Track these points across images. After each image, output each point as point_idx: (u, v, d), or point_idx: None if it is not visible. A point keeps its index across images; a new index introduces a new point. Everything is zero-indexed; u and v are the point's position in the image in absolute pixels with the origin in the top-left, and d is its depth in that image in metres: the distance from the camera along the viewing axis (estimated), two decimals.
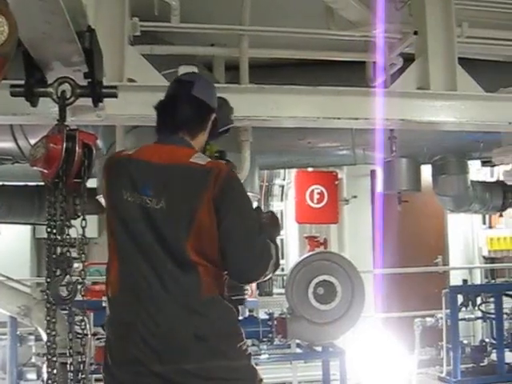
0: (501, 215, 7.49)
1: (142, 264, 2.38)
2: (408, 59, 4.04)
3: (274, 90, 3.51)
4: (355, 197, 7.30)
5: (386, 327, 6.83)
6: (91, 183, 4.95)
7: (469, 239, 9.48)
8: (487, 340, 6.23)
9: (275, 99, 3.50)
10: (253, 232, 2.42)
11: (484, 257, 9.45)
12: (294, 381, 5.33)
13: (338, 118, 3.44)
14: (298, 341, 5.44)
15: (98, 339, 5.39)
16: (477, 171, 7.98)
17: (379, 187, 5.79)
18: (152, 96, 3.33)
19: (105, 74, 2.69)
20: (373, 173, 6.14)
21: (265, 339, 5.23)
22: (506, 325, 6.11)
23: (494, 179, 7.34)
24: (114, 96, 2.46)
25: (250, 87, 3.60)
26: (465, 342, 6.17)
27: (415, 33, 3.83)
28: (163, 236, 2.37)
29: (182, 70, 3.52)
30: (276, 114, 3.45)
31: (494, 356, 6.01)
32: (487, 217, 9.42)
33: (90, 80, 2.33)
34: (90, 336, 5.06)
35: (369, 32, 4.10)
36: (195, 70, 3.57)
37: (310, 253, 5.55)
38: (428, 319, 6.06)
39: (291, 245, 9.37)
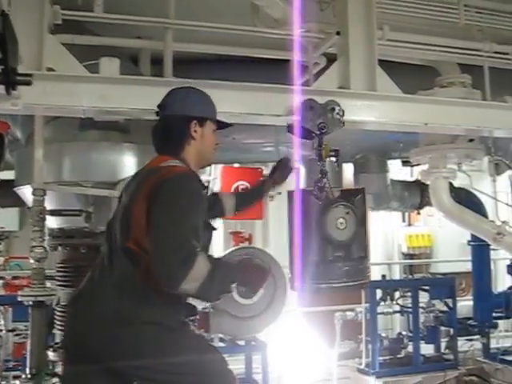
0: (418, 213, 7.77)
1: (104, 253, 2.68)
2: (331, 59, 4.11)
3: (197, 84, 3.50)
4: (280, 193, 7.36)
5: (308, 321, 6.94)
6: (7, 175, 4.86)
7: (388, 236, 9.80)
8: (404, 333, 6.42)
9: None
10: (173, 234, 2.45)
11: (403, 253, 9.79)
12: None
13: (261, 115, 3.49)
14: (220, 335, 5.48)
15: (16, 335, 5.26)
16: (398, 171, 8.24)
17: (302, 184, 5.87)
18: (72, 86, 3.32)
19: (21, 61, 2.63)
20: (298, 170, 6.19)
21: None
22: (422, 318, 6.27)
23: (413, 179, 7.57)
24: (28, 84, 2.43)
25: (172, 81, 3.58)
26: (383, 334, 6.34)
27: (338, 33, 3.92)
28: (121, 226, 2.62)
29: (103, 61, 3.48)
30: None
31: (410, 348, 6.19)
32: (406, 215, 9.75)
33: (2, 67, 2.29)
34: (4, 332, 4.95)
35: (293, 31, 4.16)
36: (117, 62, 3.55)
37: (233, 248, 5.59)
38: (348, 313, 6.18)
39: (216, 240, 9.38)
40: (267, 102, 3.57)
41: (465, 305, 7.07)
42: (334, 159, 3.73)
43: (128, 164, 4.36)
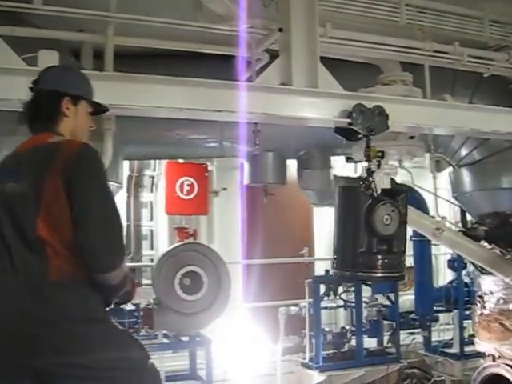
0: None
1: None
2: (274, 55, 4.11)
3: (138, 79, 3.47)
4: (225, 189, 7.39)
5: (253, 316, 6.97)
6: None
7: (332, 231, 9.86)
8: (347, 327, 6.48)
9: (139, 88, 3.46)
10: (109, 211, 2.46)
11: None
12: (161, 371, 5.27)
13: (202, 110, 3.46)
14: (164, 331, 5.45)
15: None
16: (342, 167, 8.33)
17: (246, 180, 5.89)
18: (9, 79, 3.23)
19: None
20: (242, 166, 6.21)
21: (131, 330, 5.19)
22: (365, 312, 6.38)
23: (357, 175, 7.64)
24: None
25: (112, 75, 3.53)
26: (327, 329, 6.39)
27: (280, 30, 3.92)
28: (17, 217, 2.43)
29: (42, 54, 3.40)
30: (139, 104, 3.41)
31: (353, 342, 6.27)
32: None
33: None
34: None
35: (236, 26, 4.16)
36: (56, 54, 3.47)
37: (177, 244, 5.56)
38: (292, 308, 6.22)
39: (161, 236, 9.33)
40: (210, 97, 3.55)
41: (408, 299, 7.20)
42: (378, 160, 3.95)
43: None
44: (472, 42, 5.05)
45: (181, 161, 6.78)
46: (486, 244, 5.01)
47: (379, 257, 3.77)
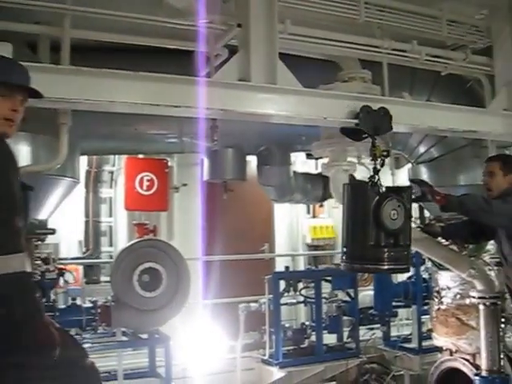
0: (321, 205, 7.94)
1: None
2: (234, 51, 4.10)
3: (94, 73, 3.42)
4: (185, 185, 7.34)
5: (213, 313, 6.95)
6: None
7: (294, 228, 9.93)
8: (307, 323, 6.52)
9: (95, 82, 3.41)
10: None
11: (307, 244, 9.95)
12: (120, 369, 5.24)
13: (158, 105, 3.42)
14: (123, 329, 5.39)
15: None
16: (302, 163, 8.37)
17: (205, 176, 5.86)
18: None
19: None
20: (203, 161, 6.19)
21: (88, 328, 5.12)
22: (325, 308, 6.41)
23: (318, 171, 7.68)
24: None
25: (68, 68, 3.47)
26: (287, 325, 6.43)
27: (239, 25, 3.91)
28: None
29: None
30: (95, 98, 3.36)
31: (313, 338, 6.30)
32: (311, 207, 9.91)
33: None
34: None
35: (195, 21, 4.13)
36: (9, 47, 3.41)
37: (136, 240, 5.50)
38: (252, 304, 6.22)
39: (120, 232, 9.25)
40: (167, 92, 3.52)
41: (367, 294, 7.25)
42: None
43: (22, 153, 4.21)
44: (430, 40, 5.13)
45: (141, 156, 6.73)
46: (443, 240, 5.06)
47: (386, 250, 3.96)
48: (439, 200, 4.38)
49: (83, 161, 9.13)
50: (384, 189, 4.07)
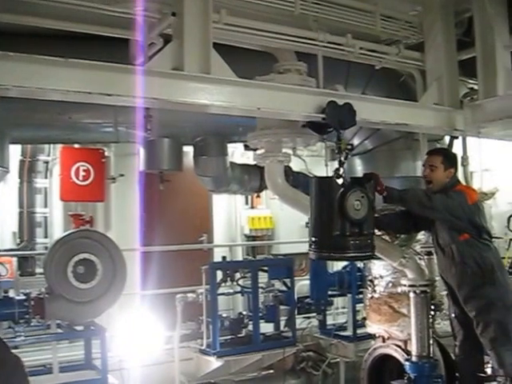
0: (258, 196, 8.00)
1: None
2: (169, 40, 4.07)
3: (24, 59, 3.31)
4: (122, 175, 7.26)
5: (151, 304, 6.92)
6: None
7: (232, 218, 9.98)
8: (245, 312, 6.57)
9: (25, 69, 3.30)
10: None
11: (245, 235, 10.02)
12: (55, 362, 5.16)
13: (89, 93, 3.37)
14: (58, 321, 5.31)
15: None
16: (241, 155, 8.42)
17: (142, 166, 5.82)
18: None
19: None
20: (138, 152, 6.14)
21: (21, 321, 5.03)
22: (262, 298, 6.47)
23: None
24: None
25: None
26: (224, 315, 6.46)
27: (173, 14, 3.89)
28: None
29: None
30: (23, 84, 3.27)
31: (251, 327, 6.36)
32: (249, 197, 9.98)
33: None
34: None
35: (130, 9, 4.09)
36: None
37: (70, 231, 5.42)
38: (189, 295, 6.22)
39: (56, 223, 9.09)
40: (99, 80, 3.44)
41: (305, 284, 7.39)
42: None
43: None
44: (365, 35, 5.21)
45: (76, 146, 6.62)
46: (376, 231, 5.18)
47: (351, 239, 4.17)
48: (380, 191, 4.54)
49: (17, 150, 8.93)
50: (349, 180, 4.28)
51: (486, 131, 5.27)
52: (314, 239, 4.33)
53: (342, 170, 4.28)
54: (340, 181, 4.24)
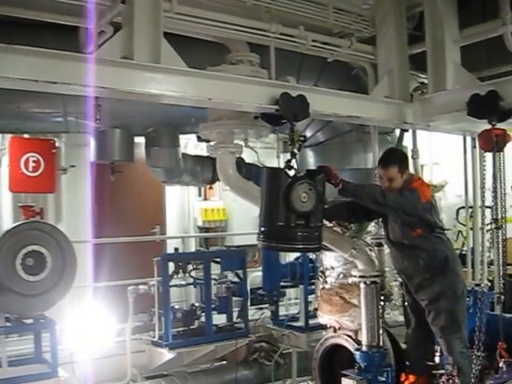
0: (211, 188, 7.99)
1: None
2: (119, 28, 4.02)
3: None
4: (74, 166, 7.14)
5: (102, 296, 6.86)
6: None
7: (185, 210, 9.95)
8: (197, 304, 6.53)
9: None
10: None
11: (198, 227, 10.00)
12: (3, 356, 5.06)
13: (36, 81, 3.30)
14: (6, 314, 5.21)
15: None
16: (195, 146, 8.38)
17: (92, 157, 5.74)
18: None
19: None
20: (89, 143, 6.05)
21: None
22: (214, 289, 6.47)
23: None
24: None
25: None
26: (177, 306, 6.42)
27: (123, 2, 3.85)
28: None
29: None
30: None
31: (203, 318, 6.33)
32: (202, 189, 9.95)
33: None
34: None
35: None
36: None
37: (18, 222, 5.32)
38: (141, 287, 6.18)
39: (5, 215, 8.87)
40: (46, 67, 3.38)
41: (257, 275, 7.40)
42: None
43: None
44: (318, 27, 5.25)
45: (26, 136, 6.48)
46: (326, 222, 5.23)
47: (298, 230, 4.21)
48: (335, 184, 4.57)
49: None
50: (302, 173, 4.33)
51: (435, 124, 5.37)
52: (262, 229, 4.35)
53: (293, 162, 4.30)
54: (291, 172, 4.26)
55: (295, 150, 4.36)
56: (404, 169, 4.86)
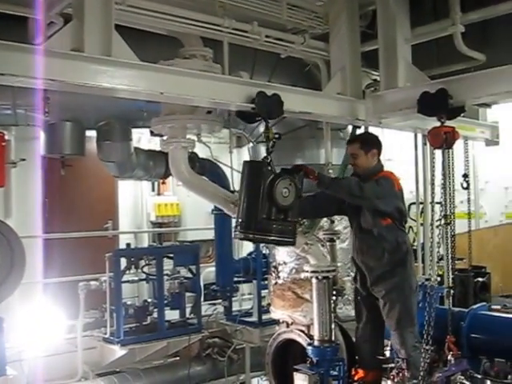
0: (163, 182, 7.94)
1: None
2: (69, 20, 3.93)
3: None
4: (24, 160, 6.97)
5: (53, 292, 6.75)
6: None
7: (138, 205, 9.87)
8: (150, 300, 6.52)
9: None
10: None
11: (152, 222, 9.94)
12: None
13: None
14: None
15: None
16: (148, 141, 8.31)
17: (42, 150, 5.63)
18: None
19: None
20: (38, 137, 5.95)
21: None
22: (167, 285, 6.45)
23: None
24: None
25: None
26: (129, 302, 6.39)
27: None
28: None
29: None
30: None
31: (156, 314, 6.32)
32: (156, 184, 9.89)
33: None
34: None
35: None
36: None
37: None
38: (92, 282, 6.10)
39: None
40: None
41: (211, 271, 7.40)
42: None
43: None
44: (272, 23, 5.25)
45: None
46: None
47: (274, 223, 4.35)
48: (312, 178, 4.69)
49: None
50: (275, 169, 4.44)
51: (386, 121, 5.42)
52: (240, 220, 4.45)
53: (269, 159, 4.42)
54: (268, 169, 4.39)
55: (270, 147, 4.48)
56: (368, 147, 4.96)
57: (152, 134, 5.56)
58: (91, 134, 6.01)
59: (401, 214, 4.88)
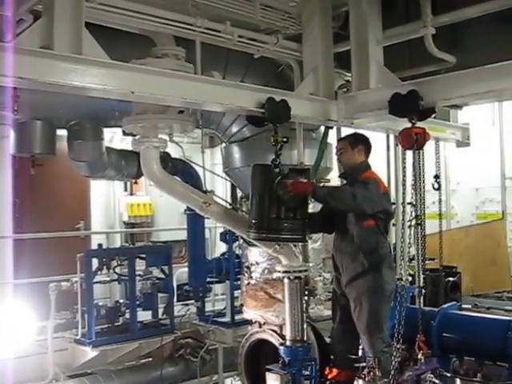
0: (136, 182, 7.90)
1: None
2: (39, 17, 3.88)
3: None
4: None
5: (24, 293, 6.66)
6: None
7: (110, 205, 9.81)
8: (122, 301, 6.47)
9: None
10: None
11: (124, 222, 9.88)
12: None
13: None
14: None
15: None
16: (120, 140, 8.25)
17: (12, 149, 5.56)
18: None
19: None
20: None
21: None
22: (139, 286, 6.41)
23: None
24: None
25: None
26: (100, 303, 6.32)
27: None
28: None
29: None
30: None
31: (128, 315, 6.26)
32: (128, 184, 9.83)
33: None
34: None
35: None
36: None
37: None
38: (63, 283, 6.04)
39: None
40: None
41: (184, 271, 7.37)
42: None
43: None
44: (245, 23, 5.26)
45: None
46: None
47: (285, 222, 4.61)
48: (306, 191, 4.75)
49: None
50: (285, 170, 4.70)
51: (358, 122, 5.45)
52: (253, 221, 4.69)
53: (278, 161, 4.66)
54: (276, 170, 4.64)
55: (279, 151, 4.70)
56: (355, 144, 5.01)
57: (124, 133, 5.52)
58: (63, 133, 5.96)
59: (387, 214, 4.90)
